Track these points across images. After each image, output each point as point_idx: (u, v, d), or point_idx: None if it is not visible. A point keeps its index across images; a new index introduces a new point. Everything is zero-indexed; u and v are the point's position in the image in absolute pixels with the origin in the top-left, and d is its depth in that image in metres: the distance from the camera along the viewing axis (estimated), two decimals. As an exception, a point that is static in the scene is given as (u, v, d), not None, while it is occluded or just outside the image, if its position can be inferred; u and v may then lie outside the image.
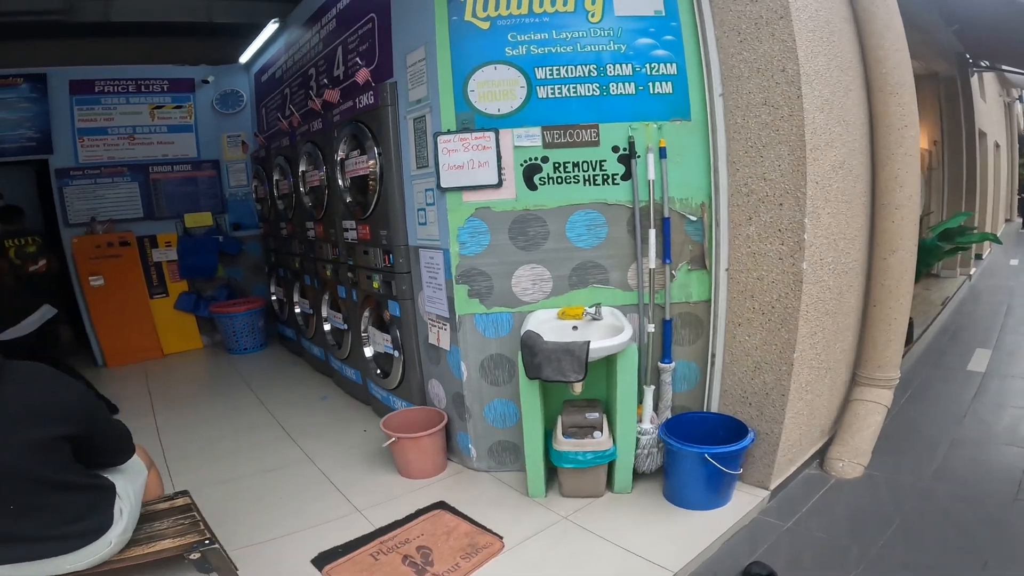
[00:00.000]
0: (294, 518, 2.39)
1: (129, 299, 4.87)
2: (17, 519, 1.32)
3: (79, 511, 1.43)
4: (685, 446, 2.27)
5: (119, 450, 1.58)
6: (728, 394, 2.52)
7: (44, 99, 4.75)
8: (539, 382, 2.27)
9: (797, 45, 2.14)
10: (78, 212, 4.83)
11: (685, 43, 2.43)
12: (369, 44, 3.07)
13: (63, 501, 1.39)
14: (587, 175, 2.52)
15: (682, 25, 2.43)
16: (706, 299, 2.57)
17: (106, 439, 1.48)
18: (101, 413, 1.47)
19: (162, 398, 3.98)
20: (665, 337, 2.57)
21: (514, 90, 2.44)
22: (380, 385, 3.30)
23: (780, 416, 2.35)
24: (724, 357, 2.52)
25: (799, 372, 2.34)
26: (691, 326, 2.59)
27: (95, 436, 1.44)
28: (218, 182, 5.36)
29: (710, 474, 2.24)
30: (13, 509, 1.31)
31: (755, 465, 2.44)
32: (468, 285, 2.57)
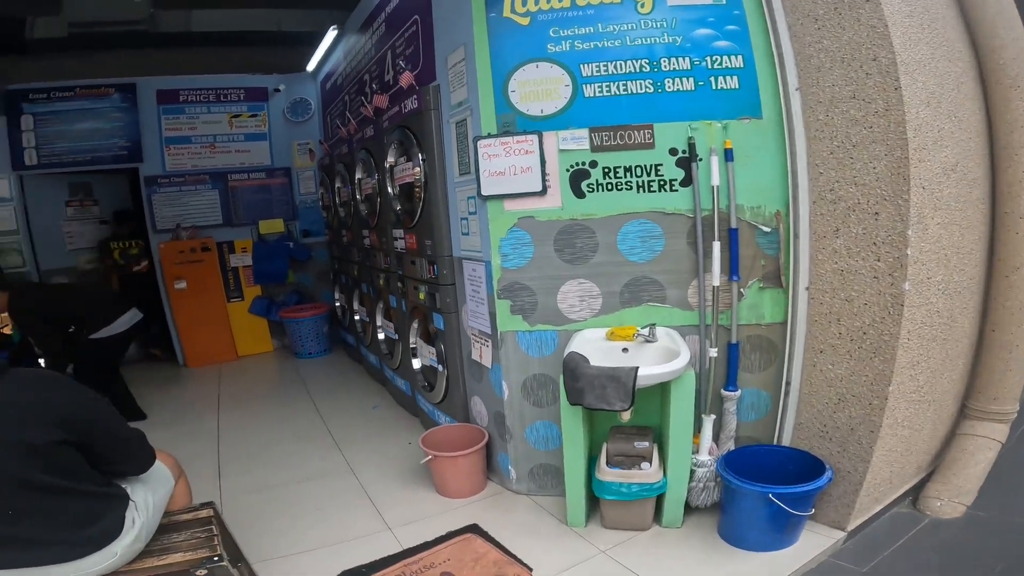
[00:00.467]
0: (324, 531, 2.36)
1: (209, 302, 5.14)
2: (15, 523, 1.31)
3: (82, 518, 1.41)
4: (746, 484, 2.01)
5: (129, 458, 1.54)
6: (804, 427, 2.22)
7: (134, 109, 5.07)
8: (582, 407, 2.08)
9: (890, 31, 1.82)
10: (164, 218, 5.15)
11: (752, 33, 2.15)
12: (414, 47, 2.99)
13: (63, 507, 1.37)
14: (641, 181, 2.28)
15: (747, 14, 2.15)
16: (781, 321, 2.26)
17: (110, 447, 1.44)
18: (105, 420, 1.43)
19: (229, 399, 4.15)
20: (730, 362, 2.29)
21: (558, 89, 2.25)
22: (426, 398, 3.22)
23: (867, 454, 2.04)
24: (801, 387, 2.21)
25: (895, 406, 2.00)
26: (762, 351, 2.30)
27: (96, 443, 1.40)
28: (289, 189, 5.54)
29: (774, 514, 1.97)
30: (11, 514, 1.30)
31: (831, 504, 2.14)
32: (510, 300, 2.41)
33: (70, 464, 1.36)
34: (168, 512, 1.77)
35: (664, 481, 2.15)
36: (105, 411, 1.45)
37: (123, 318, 3.55)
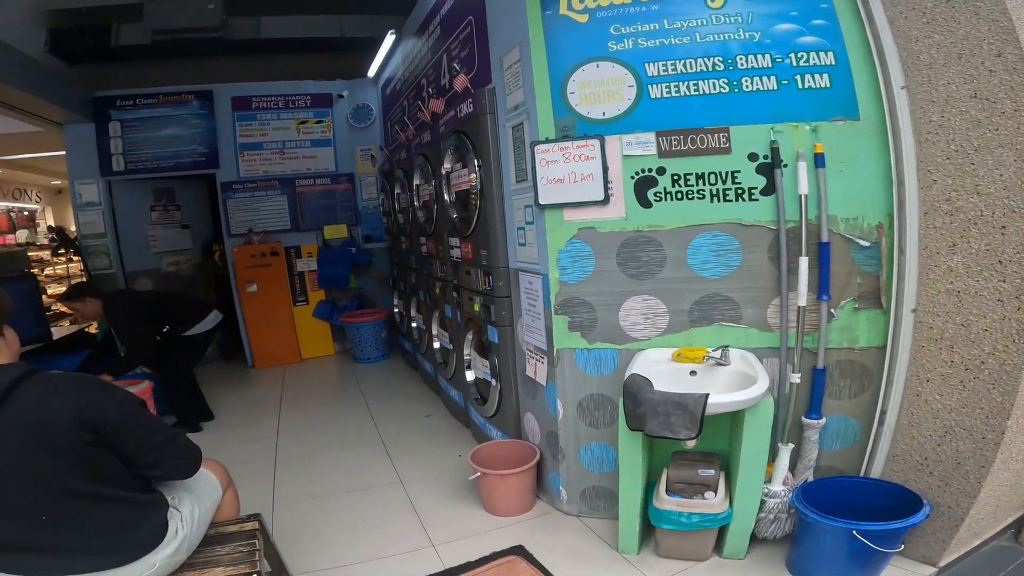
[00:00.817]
0: (367, 545, 2.32)
1: (276, 306, 5.28)
2: (50, 530, 1.29)
3: (119, 525, 1.38)
4: (827, 519, 1.81)
5: (166, 460, 1.45)
6: (899, 459, 2.00)
7: (211, 116, 5.26)
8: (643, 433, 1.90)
9: (1016, 25, 1.56)
10: (238, 223, 5.33)
11: (843, 27, 1.92)
12: (469, 49, 2.88)
13: (99, 513, 1.34)
14: (715, 189, 2.07)
15: (836, 7, 1.92)
16: (879, 345, 2.00)
17: (143, 448, 1.38)
18: (133, 421, 1.37)
19: (290, 402, 4.22)
20: (814, 388, 2.05)
21: (620, 90, 2.08)
22: (479, 411, 3.12)
23: (974, 489, 1.81)
24: (899, 416, 1.97)
25: (1011, 441, 1.75)
26: (853, 377, 2.05)
27: (125, 444, 1.35)
28: (352, 195, 5.60)
29: (857, 551, 1.79)
30: (45, 519, 1.28)
31: (924, 539, 1.93)
32: (568, 316, 2.25)
33: (104, 468, 1.34)
34: (215, 523, 1.75)
35: (729, 512, 1.96)
36: (134, 411, 1.39)
37: (208, 318, 3.73)
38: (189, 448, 1.53)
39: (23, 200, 9.07)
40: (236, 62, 5.17)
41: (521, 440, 2.69)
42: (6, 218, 8.39)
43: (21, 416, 1.24)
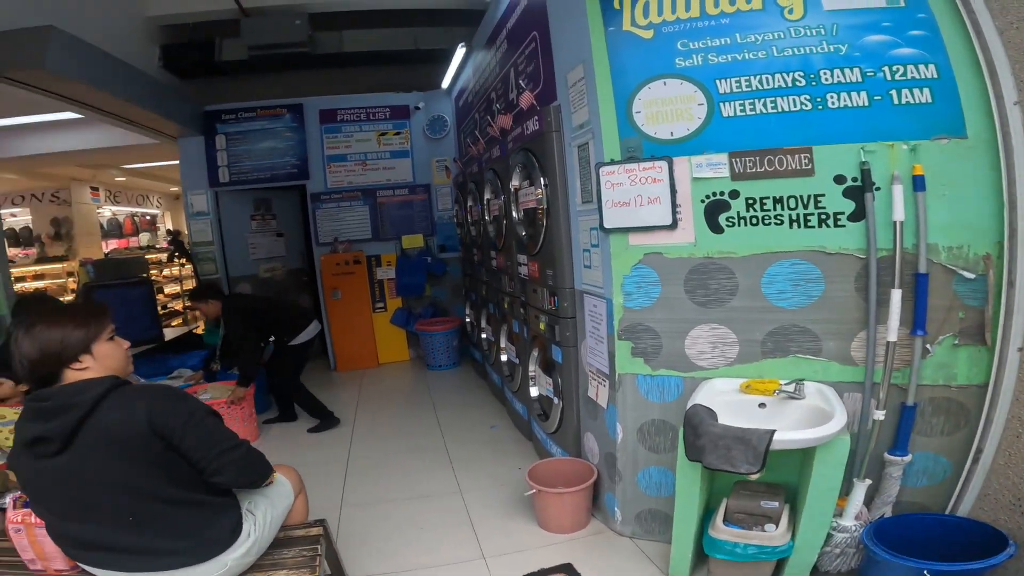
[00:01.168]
0: (420, 553, 2.38)
1: (357, 312, 5.52)
2: (136, 531, 1.40)
3: (198, 525, 1.47)
4: (894, 557, 1.67)
5: (229, 468, 1.50)
6: (990, 498, 1.83)
7: (301, 128, 5.56)
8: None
9: None
10: (325, 233, 5.63)
11: (946, 38, 1.73)
12: (534, 65, 2.86)
13: (180, 515, 1.44)
14: (795, 214, 1.94)
15: (936, 16, 1.74)
16: (979, 383, 1.82)
17: (205, 457, 1.45)
18: (195, 429, 1.43)
19: (366, 407, 4.40)
20: (902, 425, 1.90)
21: (690, 109, 1.98)
22: (541, 426, 3.10)
23: None
24: (996, 456, 1.81)
25: None
26: (948, 414, 1.89)
27: (188, 451, 1.42)
28: (428, 205, 5.74)
29: None
30: (132, 520, 1.40)
31: None
32: (632, 342, 2.19)
33: (180, 473, 1.43)
34: (284, 526, 1.82)
35: (790, 545, 1.84)
36: (200, 420, 1.45)
37: (310, 327, 3.95)
38: (252, 458, 1.59)
39: (145, 205, 10.10)
40: (321, 76, 5.44)
41: (580, 459, 2.66)
42: (130, 222, 9.42)
43: (105, 427, 1.36)
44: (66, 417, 1.34)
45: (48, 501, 1.42)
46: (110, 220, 8.78)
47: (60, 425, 1.34)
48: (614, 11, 2.07)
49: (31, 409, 1.39)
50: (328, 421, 3.94)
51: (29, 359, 1.39)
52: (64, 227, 7.79)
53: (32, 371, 1.41)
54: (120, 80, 3.87)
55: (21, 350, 1.40)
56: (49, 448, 1.35)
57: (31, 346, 1.39)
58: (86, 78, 3.45)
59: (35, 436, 1.35)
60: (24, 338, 1.40)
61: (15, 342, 1.41)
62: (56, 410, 1.35)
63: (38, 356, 1.39)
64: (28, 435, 1.36)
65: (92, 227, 8.21)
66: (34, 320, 1.43)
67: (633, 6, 2.04)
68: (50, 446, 1.35)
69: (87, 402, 1.35)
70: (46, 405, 1.37)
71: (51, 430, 1.34)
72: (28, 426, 1.38)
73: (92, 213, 8.29)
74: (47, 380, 1.42)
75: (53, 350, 1.40)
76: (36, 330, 1.40)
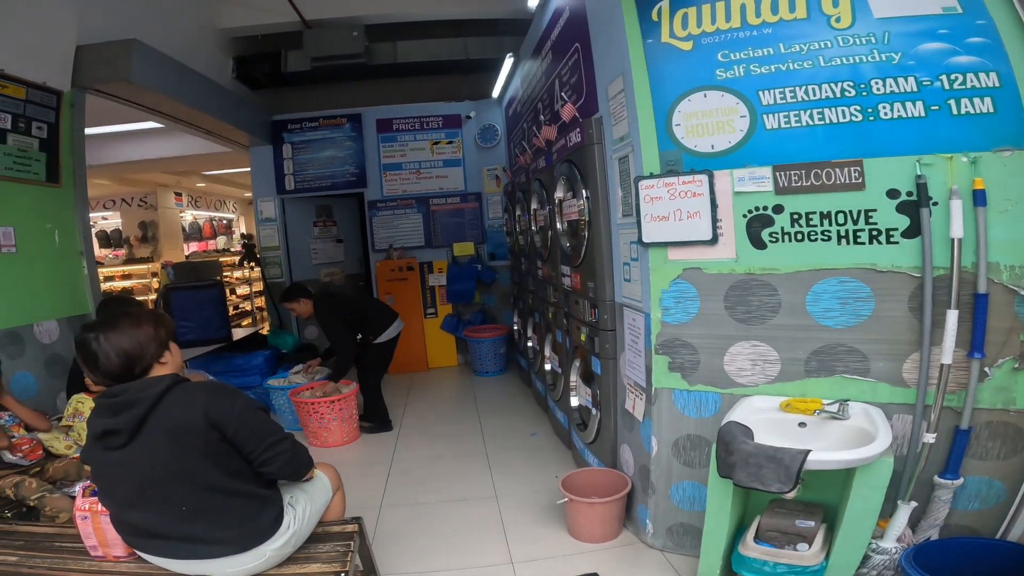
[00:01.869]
0: (451, 555, 2.42)
1: (410, 317, 5.60)
2: (189, 520, 1.51)
3: (244, 516, 1.57)
4: None
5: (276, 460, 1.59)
6: None
7: (360, 137, 5.77)
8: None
9: None
10: (381, 239, 5.82)
11: (1008, 45, 1.63)
12: (576, 76, 2.87)
13: (229, 505, 1.54)
14: (844, 230, 1.87)
15: (996, 23, 1.64)
16: None
17: (256, 448, 1.55)
18: (246, 421, 1.53)
19: (414, 410, 4.51)
20: (954, 449, 1.81)
21: (731, 121, 1.94)
22: (579, 436, 3.10)
23: None
24: None
25: None
26: (1004, 438, 1.81)
27: (241, 443, 1.53)
28: (479, 213, 5.83)
29: None
30: (186, 510, 1.50)
31: None
32: (669, 357, 2.16)
33: (233, 464, 1.53)
34: (323, 522, 1.90)
35: (823, 566, 1.77)
36: (252, 415, 1.56)
37: (393, 326, 4.12)
38: (298, 452, 1.68)
39: (222, 210, 10.80)
40: (378, 86, 5.66)
41: (615, 470, 2.65)
42: (209, 226, 10.10)
43: (166, 419, 1.47)
44: (133, 411, 1.45)
45: (113, 490, 1.54)
46: (191, 223, 9.44)
47: (128, 418, 1.45)
48: (652, 23, 2.06)
49: (102, 405, 1.50)
50: (383, 426, 4.07)
51: (127, 353, 1.50)
52: (150, 230, 8.45)
53: (125, 365, 1.50)
54: (197, 91, 4.14)
55: (119, 344, 1.49)
56: (117, 440, 1.46)
57: (130, 341, 1.50)
58: (166, 90, 3.70)
59: (105, 429, 1.46)
60: (118, 334, 1.50)
61: (105, 338, 1.49)
62: (125, 404, 1.47)
63: (138, 351, 1.51)
64: (99, 428, 1.48)
65: (175, 230, 8.85)
66: (115, 320, 1.53)
67: (671, 18, 2.03)
68: (118, 438, 1.46)
69: (152, 396, 1.47)
70: (116, 400, 1.48)
71: (120, 423, 1.45)
72: (100, 420, 1.49)
73: (175, 217, 8.94)
74: (127, 377, 1.52)
75: (148, 348, 1.53)
76: (129, 328, 1.52)
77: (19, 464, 2.40)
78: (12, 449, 2.38)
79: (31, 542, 1.86)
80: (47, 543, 1.85)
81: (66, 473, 2.51)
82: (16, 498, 2.27)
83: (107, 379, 1.52)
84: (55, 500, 2.24)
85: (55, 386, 3.00)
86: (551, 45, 3.39)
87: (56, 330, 3.08)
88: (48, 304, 3.07)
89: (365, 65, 4.84)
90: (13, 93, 2.88)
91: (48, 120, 3.11)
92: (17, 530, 1.96)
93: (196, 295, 4.51)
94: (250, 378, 4.61)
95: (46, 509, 2.23)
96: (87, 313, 3.30)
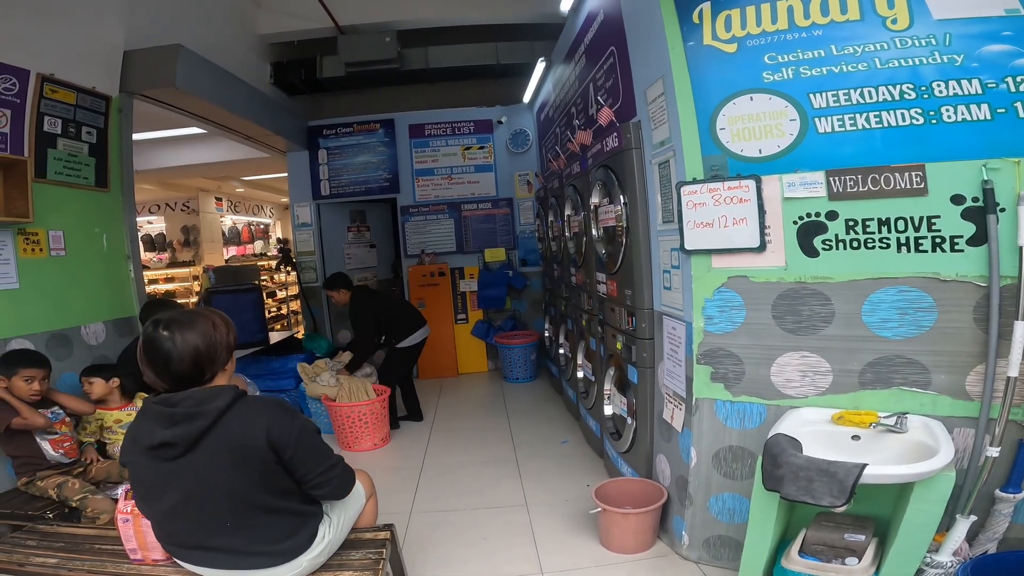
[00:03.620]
0: (481, 564, 2.40)
1: (440, 322, 5.63)
2: (231, 534, 1.50)
3: (285, 532, 1.56)
4: None
5: (327, 485, 1.60)
6: None
7: (392, 143, 5.81)
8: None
9: None
10: (413, 245, 5.85)
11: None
12: (613, 80, 2.81)
13: (272, 522, 1.53)
14: (904, 237, 1.78)
15: None
16: None
17: (311, 472, 1.54)
18: (306, 448, 1.52)
19: (444, 415, 4.50)
20: (1018, 463, 1.74)
21: (780, 124, 1.87)
22: (612, 445, 3.04)
23: None
24: None
25: None
26: None
27: (297, 467, 1.51)
28: (511, 219, 5.81)
29: None
30: (230, 526, 1.49)
31: None
32: (712, 367, 2.09)
33: (281, 484, 1.51)
34: (355, 528, 1.89)
35: None
36: (309, 439, 1.54)
37: (417, 332, 4.18)
38: (347, 474, 1.68)
39: (260, 215, 11.07)
40: (411, 91, 5.68)
41: (650, 480, 2.58)
42: (247, 230, 10.36)
43: (227, 436, 1.42)
44: (193, 425, 1.39)
45: (155, 498, 1.50)
46: (230, 228, 9.70)
47: (187, 432, 1.39)
48: (693, 25, 2.01)
49: (157, 412, 1.42)
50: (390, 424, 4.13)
51: (201, 355, 1.42)
52: (192, 234, 8.70)
53: (196, 367, 1.43)
54: (239, 96, 4.23)
55: (194, 344, 1.42)
56: (172, 452, 1.40)
57: (205, 343, 1.43)
58: (210, 95, 3.78)
59: (162, 441, 1.39)
60: (194, 334, 1.43)
61: (182, 338, 1.42)
62: (185, 417, 1.39)
63: (212, 354, 1.44)
64: (155, 440, 1.40)
65: (216, 234, 9.09)
66: (191, 318, 1.46)
67: (714, 20, 1.97)
68: (174, 451, 1.40)
69: (215, 411, 1.40)
70: (176, 411, 1.40)
71: (178, 436, 1.38)
72: (154, 430, 1.40)
73: (216, 221, 9.18)
74: (194, 382, 1.45)
75: (220, 352, 1.47)
76: (205, 328, 1.45)
77: (61, 461, 2.48)
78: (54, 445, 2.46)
79: (71, 544, 1.89)
80: (87, 545, 1.88)
81: (108, 474, 2.58)
82: (59, 499, 2.34)
83: (172, 383, 1.45)
84: (97, 501, 2.30)
85: (101, 386, 3.08)
86: (585, 49, 3.35)
87: (103, 332, 3.17)
88: (95, 307, 3.15)
89: (397, 70, 4.89)
90: (64, 98, 2.96)
91: (97, 125, 3.19)
92: (58, 531, 2.00)
93: (236, 299, 4.60)
94: (285, 381, 4.67)
95: (88, 510, 2.28)
96: (132, 316, 3.38)
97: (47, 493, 2.36)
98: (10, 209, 2.59)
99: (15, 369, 2.38)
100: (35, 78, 2.78)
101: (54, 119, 2.91)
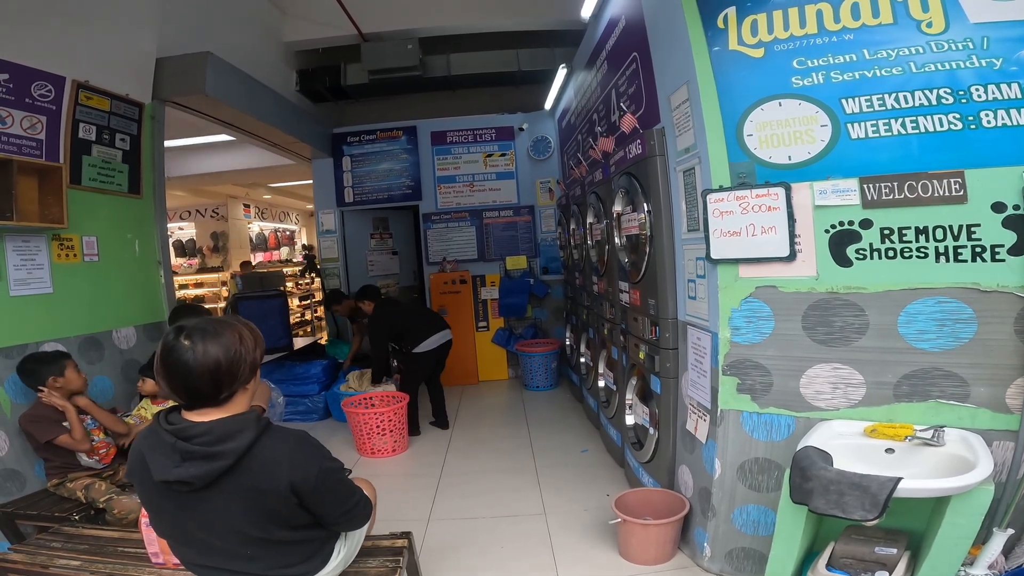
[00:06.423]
0: (496, 572, 2.38)
1: (462, 330, 5.60)
2: (248, 560, 1.46)
3: (303, 556, 1.55)
4: None
5: (348, 522, 1.58)
6: None
7: (415, 150, 5.84)
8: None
9: None
10: (434, 252, 5.86)
11: None
12: (635, 86, 2.78)
13: (290, 551, 1.51)
14: (943, 246, 1.72)
15: None
16: None
17: (334, 512, 1.51)
18: (332, 490, 1.47)
19: (464, 422, 4.49)
20: None
21: (811, 130, 1.83)
22: (634, 455, 2.98)
23: None
24: None
25: None
26: None
27: (320, 509, 1.46)
28: (532, 227, 5.79)
29: None
30: (249, 555, 1.44)
31: None
32: (738, 378, 2.04)
33: (300, 520, 1.45)
34: (370, 536, 1.89)
35: None
36: (332, 480, 1.46)
37: (433, 338, 4.16)
38: (366, 508, 1.64)
39: (286, 222, 11.25)
40: (433, 98, 5.71)
41: (671, 490, 2.53)
42: (274, 236, 10.54)
43: (248, 479, 1.31)
44: (212, 466, 1.25)
45: (169, 525, 1.43)
46: (258, 235, 9.88)
47: (204, 473, 1.25)
48: (718, 30, 1.98)
49: (170, 446, 1.26)
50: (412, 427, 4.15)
51: (221, 370, 1.27)
52: (221, 240, 8.89)
53: (214, 384, 1.28)
54: (266, 104, 4.30)
55: (215, 356, 1.26)
56: (186, 488, 1.28)
57: (227, 356, 1.27)
58: (238, 102, 3.84)
59: (177, 479, 1.25)
60: (216, 345, 1.27)
61: (204, 350, 1.26)
62: (202, 456, 1.25)
63: (233, 370, 1.29)
64: (169, 476, 1.25)
65: (243, 240, 9.27)
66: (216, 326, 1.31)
67: (739, 25, 1.94)
68: (188, 487, 1.27)
69: (233, 453, 1.27)
70: (191, 449, 1.25)
71: (194, 476, 1.25)
72: (168, 466, 1.26)
73: (244, 228, 9.36)
74: (209, 400, 1.30)
75: (243, 370, 1.31)
76: (229, 338, 1.29)
77: (94, 467, 2.52)
78: (90, 452, 2.50)
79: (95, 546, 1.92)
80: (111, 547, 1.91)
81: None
82: (86, 500, 2.36)
83: (188, 397, 1.30)
84: (123, 502, 2.32)
85: (130, 391, 3.13)
86: (606, 55, 3.33)
87: (133, 336, 3.23)
88: (127, 311, 3.22)
89: (420, 78, 4.93)
90: (98, 105, 3.03)
91: (131, 132, 3.27)
92: (83, 533, 2.04)
93: (261, 305, 4.67)
94: (308, 386, 4.73)
95: (114, 511, 2.30)
96: (163, 320, 3.45)
97: (75, 494, 2.39)
98: (45, 215, 2.65)
99: (62, 363, 2.43)
100: (71, 85, 2.84)
101: (89, 126, 2.98)
